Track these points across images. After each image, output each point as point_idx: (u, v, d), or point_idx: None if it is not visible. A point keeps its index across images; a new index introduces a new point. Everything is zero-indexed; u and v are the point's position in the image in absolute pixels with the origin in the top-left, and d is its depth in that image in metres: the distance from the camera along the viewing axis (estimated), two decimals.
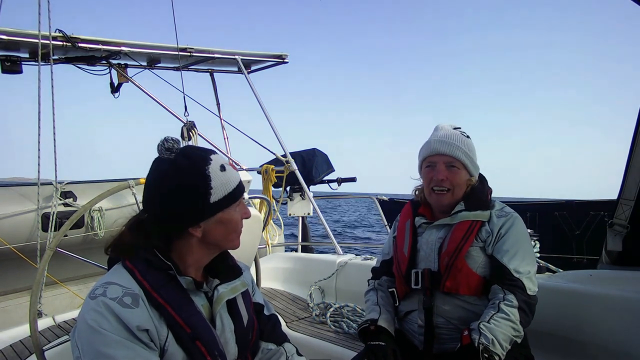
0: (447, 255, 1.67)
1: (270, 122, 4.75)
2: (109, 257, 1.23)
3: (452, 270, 1.65)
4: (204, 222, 1.17)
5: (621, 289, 1.90)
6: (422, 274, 1.71)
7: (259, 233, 3.08)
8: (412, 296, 1.77)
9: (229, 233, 1.22)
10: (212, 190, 1.15)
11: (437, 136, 1.77)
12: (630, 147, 2.04)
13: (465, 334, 1.52)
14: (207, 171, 1.16)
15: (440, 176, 1.72)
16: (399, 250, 1.84)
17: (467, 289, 1.65)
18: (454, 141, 1.73)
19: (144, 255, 1.15)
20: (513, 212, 1.74)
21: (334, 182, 5.58)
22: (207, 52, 4.80)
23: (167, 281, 1.14)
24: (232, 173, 1.21)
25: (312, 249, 5.68)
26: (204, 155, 1.19)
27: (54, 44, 3.52)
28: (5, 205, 3.59)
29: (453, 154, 1.72)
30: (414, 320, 1.75)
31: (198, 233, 1.17)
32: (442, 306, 1.68)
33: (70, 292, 3.76)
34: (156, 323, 1.10)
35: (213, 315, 1.22)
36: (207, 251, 1.23)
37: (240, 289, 1.31)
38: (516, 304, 1.54)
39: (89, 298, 1.08)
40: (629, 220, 2.05)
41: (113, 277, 1.13)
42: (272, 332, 1.44)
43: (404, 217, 1.91)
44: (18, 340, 2.06)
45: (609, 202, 6.80)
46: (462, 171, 1.74)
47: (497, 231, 1.67)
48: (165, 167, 1.16)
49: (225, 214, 1.19)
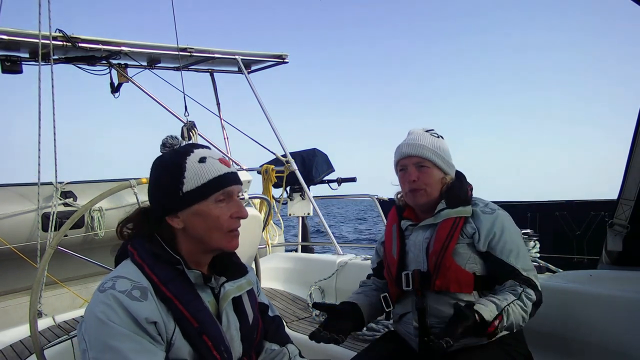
0: (435, 254, 1.69)
1: (270, 122, 4.76)
2: (116, 254, 1.25)
3: (441, 269, 1.66)
4: (181, 212, 1.19)
5: (621, 289, 1.90)
6: (412, 275, 1.73)
7: (259, 233, 3.08)
8: (405, 298, 1.78)
9: (209, 229, 1.20)
10: (184, 179, 1.17)
11: (406, 140, 1.82)
12: (630, 147, 2.04)
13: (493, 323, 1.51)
14: (184, 162, 1.19)
15: (412, 177, 1.75)
16: (388, 254, 1.86)
17: (458, 286, 1.66)
18: (421, 142, 1.77)
19: (151, 249, 1.17)
20: (498, 207, 1.76)
21: (334, 182, 5.58)
22: (207, 52, 4.81)
23: (175, 275, 1.16)
24: (212, 166, 1.20)
25: (312, 249, 5.68)
26: (189, 148, 1.23)
27: (54, 43, 3.52)
28: (5, 205, 3.59)
29: (421, 154, 1.75)
30: (409, 322, 1.76)
31: (176, 224, 1.19)
32: (434, 306, 1.69)
33: (70, 292, 3.76)
34: (164, 316, 1.11)
35: (219, 312, 1.24)
36: (195, 245, 1.22)
37: (246, 287, 1.32)
38: (534, 299, 1.59)
39: (98, 291, 1.10)
40: (629, 220, 2.05)
41: (122, 271, 1.15)
42: (276, 332, 1.45)
43: (390, 222, 1.94)
44: (18, 340, 2.06)
45: (609, 202, 6.80)
46: (433, 170, 1.76)
47: (489, 228, 1.68)
48: (156, 161, 1.24)
49: (202, 207, 1.18)
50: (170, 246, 1.19)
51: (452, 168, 1.82)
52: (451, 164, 1.81)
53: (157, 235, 1.21)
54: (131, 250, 1.19)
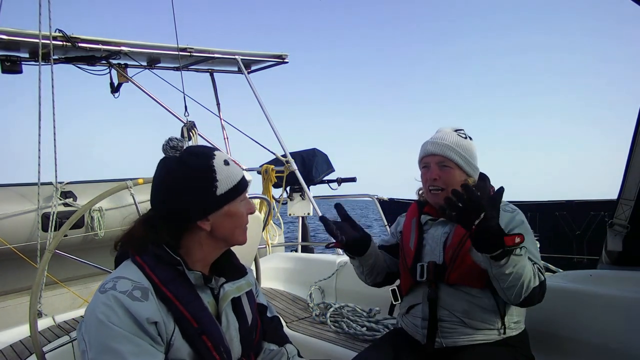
0: (452, 248, 1.70)
1: (270, 122, 4.76)
2: (116, 255, 1.25)
3: (456, 262, 1.67)
4: (212, 215, 1.20)
5: (621, 289, 1.90)
6: (427, 267, 1.74)
7: (259, 233, 3.07)
8: (416, 289, 1.79)
9: (235, 227, 1.25)
10: (217, 183, 1.19)
11: (432, 138, 1.82)
12: (630, 147, 2.04)
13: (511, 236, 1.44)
14: (212, 165, 1.19)
15: (433, 175, 1.76)
16: (405, 245, 1.87)
17: (471, 280, 1.66)
18: (446, 142, 1.76)
19: (153, 251, 1.17)
20: (517, 208, 1.78)
21: (334, 182, 5.58)
22: (207, 52, 4.81)
23: (175, 276, 1.16)
24: (235, 167, 1.25)
25: (312, 249, 5.68)
26: (208, 151, 1.23)
27: (54, 43, 3.52)
28: (5, 205, 3.59)
29: (444, 153, 1.75)
30: (417, 314, 1.76)
31: (207, 227, 1.20)
32: (446, 298, 1.70)
33: (70, 292, 3.76)
34: (164, 317, 1.11)
35: (219, 313, 1.24)
36: (216, 246, 1.25)
37: (245, 288, 1.33)
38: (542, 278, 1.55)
39: (99, 292, 1.10)
40: (629, 220, 2.05)
41: (123, 271, 1.15)
42: (274, 333, 1.46)
43: (410, 215, 1.95)
44: (18, 340, 2.06)
45: (609, 202, 6.80)
46: (455, 170, 1.75)
47: (506, 223, 1.69)
48: (172, 164, 1.20)
49: (232, 207, 1.22)
50: (170, 247, 1.19)
51: (476, 170, 1.81)
52: (475, 167, 1.80)
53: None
54: (132, 251, 1.19)
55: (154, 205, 1.24)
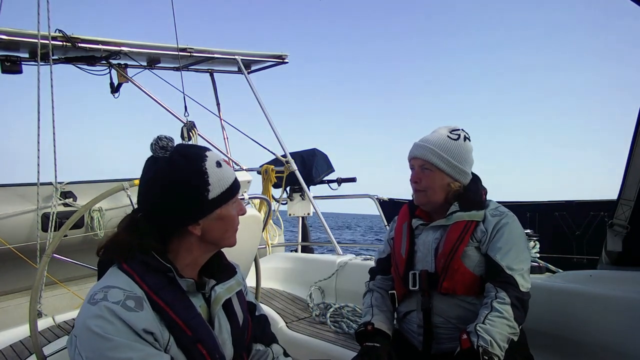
0: (443, 256, 1.68)
1: (270, 122, 4.75)
2: (99, 260, 1.17)
3: (448, 271, 1.66)
4: (203, 219, 1.15)
5: (621, 289, 1.90)
6: (419, 276, 1.72)
7: (259, 233, 3.07)
8: (410, 297, 1.78)
9: (226, 230, 1.21)
10: (210, 187, 1.13)
11: (420, 140, 1.81)
12: (630, 147, 2.03)
13: (464, 338, 1.51)
14: (204, 168, 1.14)
15: (414, 178, 1.78)
16: (396, 252, 1.85)
17: (464, 289, 1.65)
18: (430, 145, 1.74)
19: (140, 258, 1.11)
20: (508, 211, 1.74)
21: (334, 182, 5.57)
22: (207, 52, 4.81)
23: (166, 283, 1.11)
24: (227, 169, 1.20)
25: (312, 249, 5.68)
26: (200, 152, 1.18)
27: (54, 44, 3.53)
28: (5, 205, 3.60)
29: (424, 157, 1.74)
30: (413, 321, 1.76)
31: (197, 231, 1.15)
32: (440, 306, 1.69)
33: (70, 292, 3.76)
34: (159, 326, 1.07)
35: (211, 316, 1.21)
36: (206, 249, 1.21)
37: (235, 288, 1.29)
38: (509, 301, 1.53)
39: (89, 304, 1.03)
40: (629, 221, 2.05)
41: (111, 280, 1.08)
42: (262, 332, 1.43)
43: (401, 219, 1.93)
44: (18, 340, 2.06)
45: (609, 202, 6.78)
46: (435, 173, 1.74)
47: (491, 229, 1.67)
48: (162, 165, 1.13)
49: (224, 210, 1.18)
50: (158, 253, 1.13)
51: (463, 174, 1.77)
52: (462, 170, 1.76)
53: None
54: (117, 258, 1.13)
55: (143, 207, 1.17)
